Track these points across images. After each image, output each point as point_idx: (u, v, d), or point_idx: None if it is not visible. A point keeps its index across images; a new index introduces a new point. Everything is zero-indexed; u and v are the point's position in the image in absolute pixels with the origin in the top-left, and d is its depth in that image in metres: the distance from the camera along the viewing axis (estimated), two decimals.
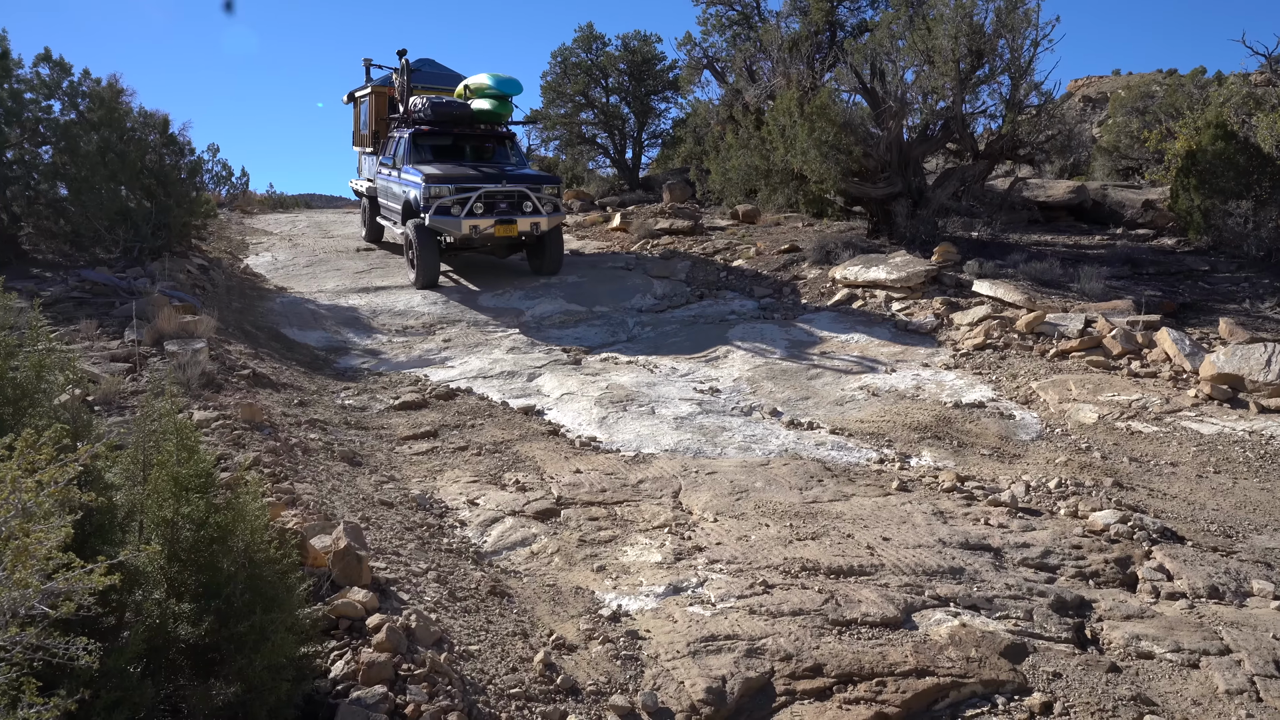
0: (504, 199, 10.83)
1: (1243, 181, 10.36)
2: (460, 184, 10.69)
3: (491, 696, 3.09)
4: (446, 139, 12.22)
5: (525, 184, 10.99)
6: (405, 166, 11.53)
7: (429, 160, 11.56)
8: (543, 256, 11.66)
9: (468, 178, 10.85)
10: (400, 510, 4.70)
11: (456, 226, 10.54)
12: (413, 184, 11.00)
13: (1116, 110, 18.87)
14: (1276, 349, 7.06)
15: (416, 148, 11.70)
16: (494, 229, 10.70)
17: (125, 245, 9.53)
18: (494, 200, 10.76)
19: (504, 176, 11.02)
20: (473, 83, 12.83)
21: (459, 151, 12.22)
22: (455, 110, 12.27)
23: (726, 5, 17.08)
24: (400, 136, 12.11)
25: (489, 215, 10.68)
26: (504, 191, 10.83)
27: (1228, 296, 9.46)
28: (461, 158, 12.07)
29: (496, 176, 11.05)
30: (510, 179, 10.99)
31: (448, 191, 10.60)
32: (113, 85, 9.87)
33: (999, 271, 10.08)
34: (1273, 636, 3.62)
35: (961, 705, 3.21)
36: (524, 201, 10.90)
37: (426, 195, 10.54)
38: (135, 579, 2.40)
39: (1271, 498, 5.34)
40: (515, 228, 10.82)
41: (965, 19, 10.96)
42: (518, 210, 10.88)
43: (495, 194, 10.77)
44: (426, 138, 11.92)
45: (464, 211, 10.51)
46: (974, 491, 5.27)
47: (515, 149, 12.79)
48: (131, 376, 5.89)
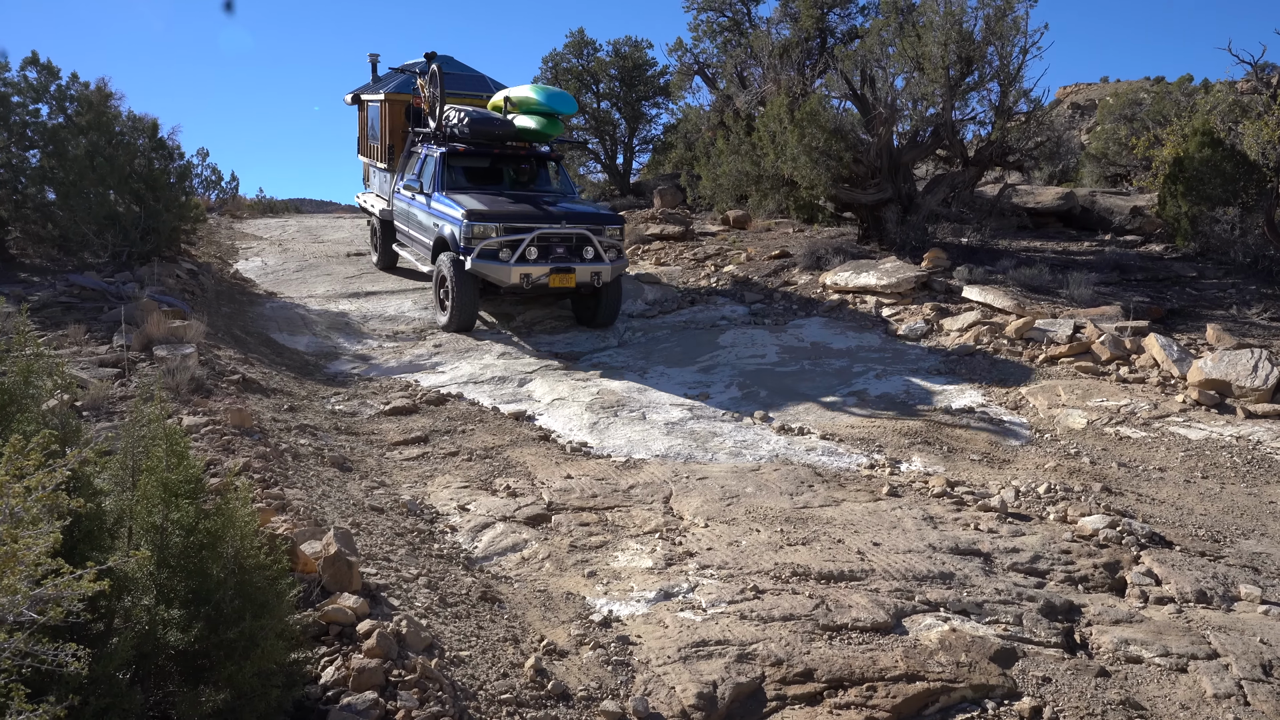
0: (561, 242, 9.08)
1: (1229, 188, 10.46)
2: (510, 222, 8.95)
3: (482, 702, 3.09)
4: (483, 160, 10.52)
5: (586, 225, 9.20)
6: (438, 194, 9.76)
7: (464, 187, 9.90)
8: (596, 308, 9.72)
9: (519, 215, 9.11)
10: (391, 516, 4.68)
11: (505, 275, 8.82)
12: (448, 217, 9.28)
13: (1105, 117, 19.03)
14: (1263, 355, 7.12)
15: (449, 170, 10.01)
16: (549, 278, 8.92)
17: (114, 250, 9.48)
18: (549, 243, 9.01)
19: (562, 215, 9.26)
20: (515, 95, 10.93)
21: (496, 175, 10.55)
22: (498, 129, 10.42)
23: (717, 11, 17.16)
24: (428, 155, 10.40)
25: (543, 261, 8.93)
26: (562, 234, 9.08)
27: (1215, 302, 9.54)
28: (499, 182, 10.42)
29: (553, 215, 9.27)
30: (569, 218, 9.22)
31: (494, 231, 8.86)
32: (101, 89, 9.83)
33: (988, 277, 10.14)
34: (1260, 641, 3.64)
35: (952, 710, 3.22)
36: (584, 246, 9.12)
37: (468, 234, 8.84)
38: (124, 585, 2.39)
39: (1258, 502, 5.39)
40: (573, 277, 9.02)
41: (955, 26, 11.05)
42: (577, 256, 9.10)
43: (551, 236, 9.02)
44: (460, 159, 10.22)
45: (514, 256, 8.78)
46: (964, 497, 5.30)
47: (561, 175, 11.11)
48: (120, 382, 5.86)
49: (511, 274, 8.82)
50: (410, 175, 10.76)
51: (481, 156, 10.50)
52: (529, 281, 8.88)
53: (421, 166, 10.47)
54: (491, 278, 8.97)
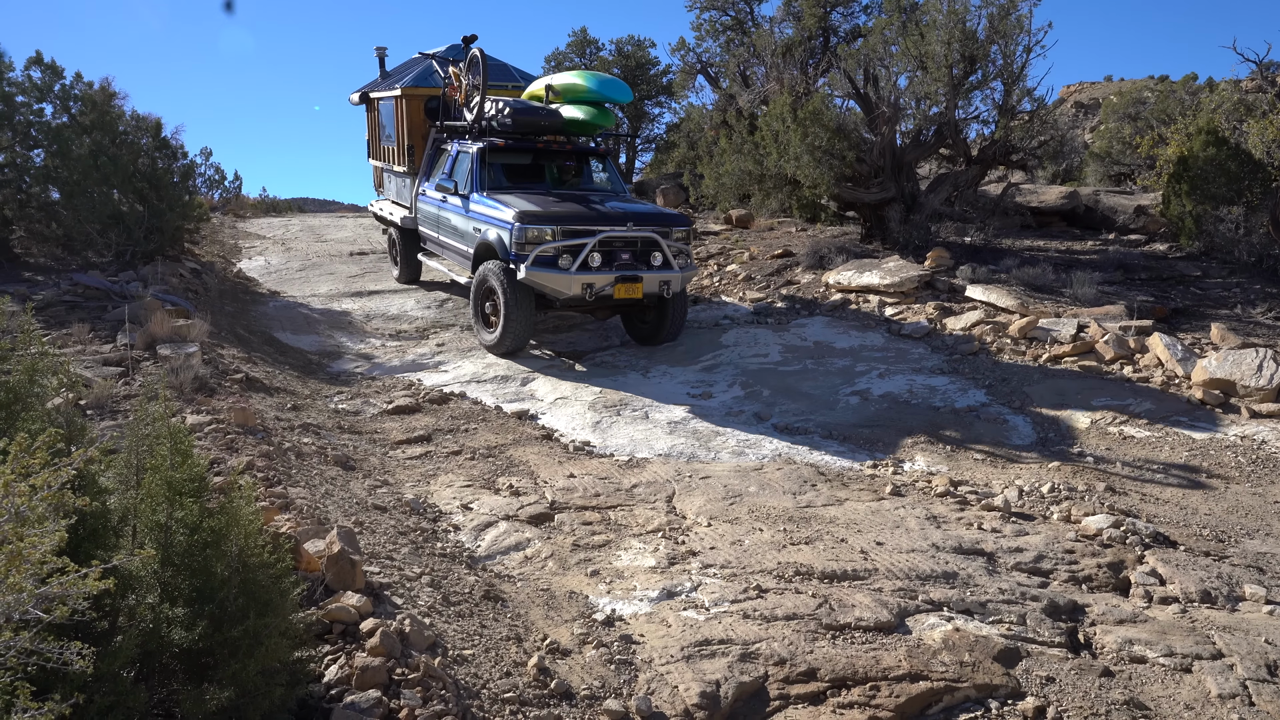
0: (625, 247, 8.05)
1: (1234, 187, 10.43)
2: (569, 225, 7.90)
3: (485, 701, 3.09)
4: (524, 156, 9.40)
5: (653, 226, 8.18)
6: (477, 195, 8.69)
7: (506, 186, 8.86)
8: (660, 323, 8.67)
9: (579, 216, 8.08)
10: (394, 515, 4.69)
11: (565, 285, 7.76)
12: (495, 220, 8.18)
13: (1109, 116, 18.99)
14: (1268, 354, 7.10)
15: (487, 167, 8.92)
16: (613, 288, 7.87)
17: (117, 249, 9.50)
18: (612, 249, 7.98)
19: (625, 216, 8.19)
20: (560, 83, 9.86)
21: (537, 173, 9.48)
22: (544, 120, 9.31)
23: (720, 10, 17.13)
24: (460, 152, 9.34)
25: (607, 269, 7.91)
26: (628, 237, 8.04)
27: (1219, 302, 9.52)
28: (540, 181, 9.37)
29: (613, 215, 8.21)
30: (635, 219, 8.15)
31: (551, 235, 7.81)
32: (105, 89, 9.85)
33: (992, 276, 10.12)
34: (1265, 641, 3.63)
35: (955, 710, 3.22)
36: (652, 251, 8.12)
37: (521, 239, 7.76)
38: (129, 583, 2.39)
39: (1263, 502, 5.37)
40: (640, 287, 7.99)
41: (958, 25, 11.02)
42: (643, 262, 8.10)
43: (615, 240, 7.99)
44: (499, 154, 9.07)
45: (575, 264, 7.76)
46: (967, 496, 5.29)
47: (610, 171, 9.94)
48: (124, 380, 5.87)
49: (573, 284, 7.75)
50: (440, 175, 9.66)
51: (522, 152, 9.35)
52: (592, 292, 7.85)
53: (453, 165, 9.40)
54: (548, 289, 7.88)
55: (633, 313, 8.89)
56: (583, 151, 9.74)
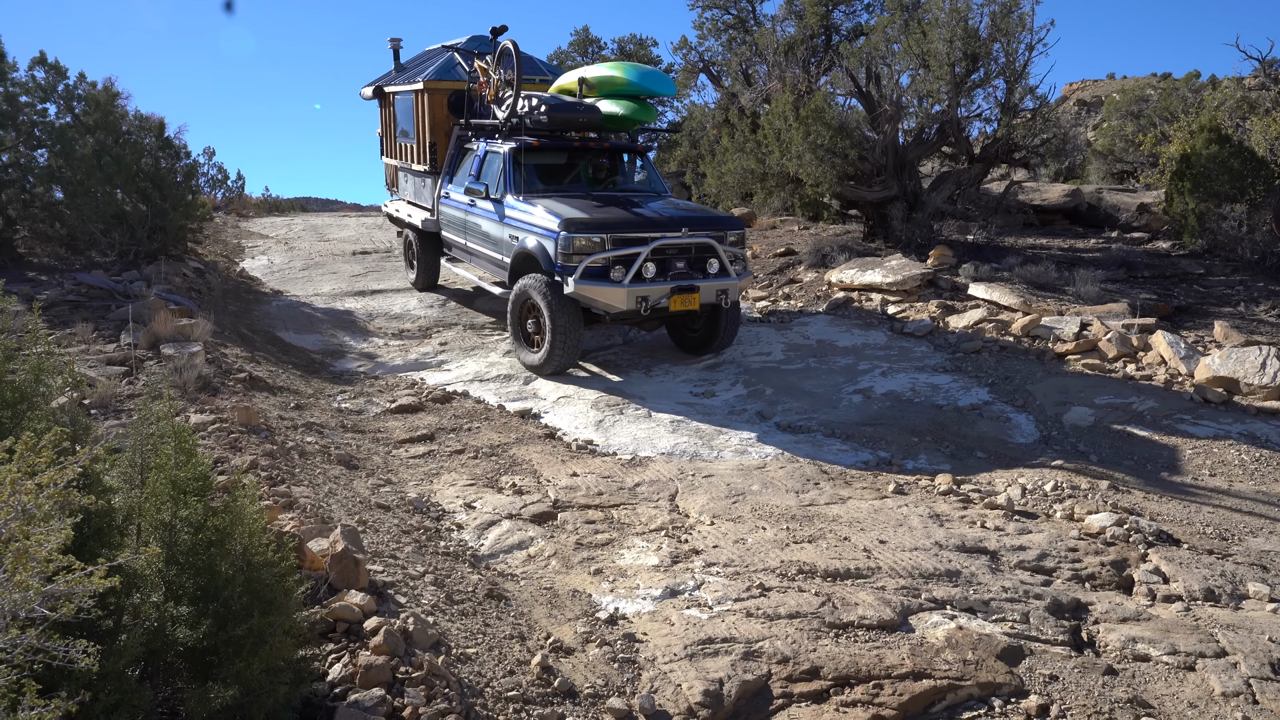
0: (679, 255, 7.43)
1: (1237, 185, 10.42)
2: (620, 232, 7.25)
3: (489, 699, 3.09)
4: (559, 156, 8.76)
5: (708, 230, 7.58)
6: (512, 199, 8.04)
7: (541, 189, 8.22)
8: (713, 331, 8.14)
9: (631, 223, 7.41)
10: (397, 513, 4.70)
11: (617, 299, 7.15)
12: (535, 228, 7.56)
13: (1111, 114, 18.96)
14: (1271, 352, 7.09)
15: (520, 168, 8.24)
16: (669, 300, 7.29)
17: (121, 249, 9.52)
18: (665, 257, 7.35)
19: (678, 220, 7.53)
20: (594, 75, 9.19)
21: (572, 173, 8.80)
22: (582, 116, 8.65)
23: (722, 9, 17.12)
24: (489, 152, 8.68)
25: (662, 279, 7.30)
26: (681, 244, 7.40)
27: (1222, 300, 9.50)
28: (576, 181, 8.72)
29: (663, 220, 7.52)
30: (689, 223, 7.52)
31: (600, 243, 7.16)
32: (108, 88, 9.87)
33: (994, 275, 10.11)
34: (1269, 639, 3.63)
35: (958, 708, 3.22)
36: (708, 258, 7.53)
37: (568, 249, 7.13)
38: (134, 582, 2.40)
39: (1267, 500, 5.37)
40: (696, 298, 7.38)
41: (960, 23, 11.01)
42: (699, 271, 7.52)
43: (669, 248, 7.34)
44: (532, 154, 8.41)
45: (628, 275, 7.14)
46: (970, 494, 5.29)
47: (649, 170, 9.30)
48: (128, 380, 5.89)
49: (626, 297, 7.12)
50: (467, 177, 8.96)
51: (557, 151, 8.71)
52: (647, 305, 7.20)
53: (481, 166, 8.73)
54: (599, 303, 7.27)
55: (680, 320, 8.30)
56: (621, 149, 9.15)
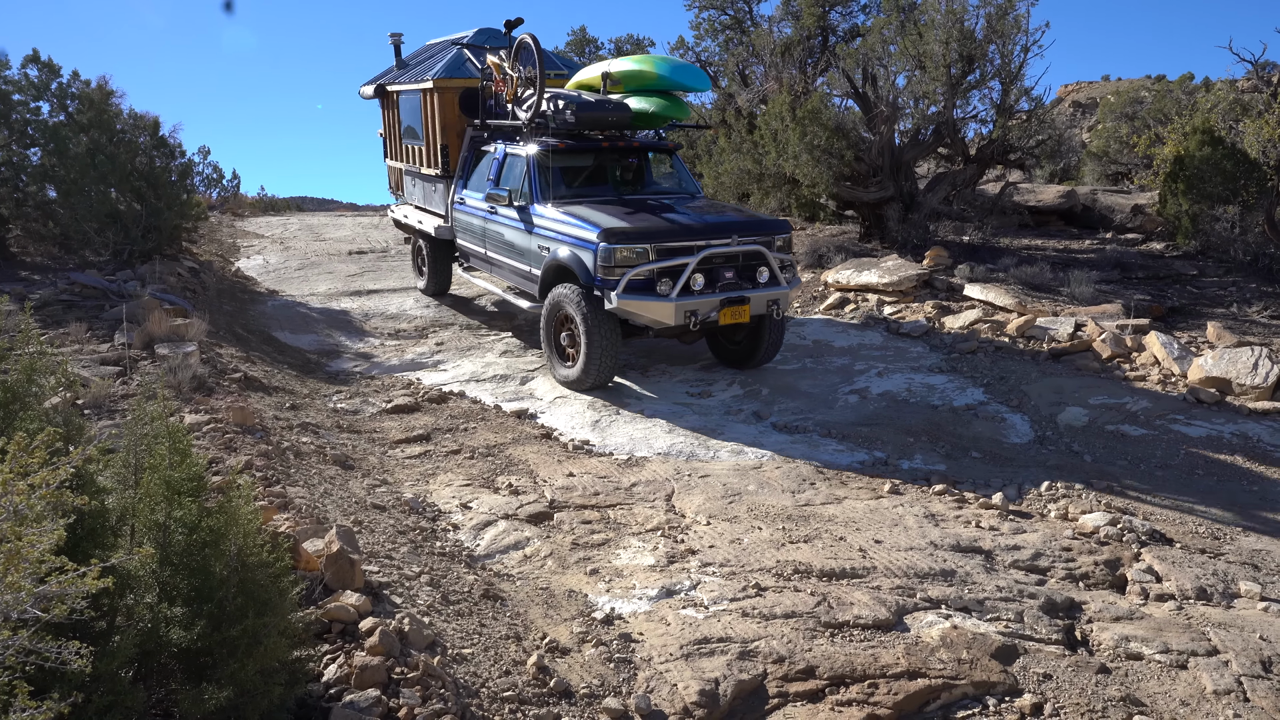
0: (727, 263, 6.94)
1: (1230, 187, 10.45)
2: (664, 242, 6.77)
3: (484, 699, 3.09)
4: (585, 157, 8.23)
5: (756, 236, 7.06)
6: (540, 207, 7.51)
7: (568, 194, 7.72)
8: (756, 343, 7.63)
9: (673, 231, 6.90)
10: (393, 514, 4.69)
11: (664, 313, 6.67)
12: (569, 238, 7.06)
13: (1106, 115, 19.02)
14: (1263, 352, 7.12)
15: (545, 173, 7.70)
16: (718, 313, 6.81)
17: (115, 248, 9.49)
18: (712, 266, 6.88)
19: (726, 226, 7.02)
20: (620, 70, 8.65)
21: (599, 176, 8.28)
22: (612, 115, 8.03)
23: (719, 10, 17.13)
24: (509, 155, 8.16)
25: (710, 291, 6.82)
26: (729, 252, 6.90)
27: (1215, 301, 9.54)
28: (603, 184, 8.20)
29: (706, 226, 7.00)
30: (737, 229, 7.00)
31: (641, 254, 6.68)
32: (102, 87, 9.84)
33: (990, 275, 10.14)
34: (1260, 637, 3.65)
35: (953, 707, 3.23)
36: (758, 266, 7.06)
37: (609, 261, 6.64)
38: (127, 583, 2.39)
39: (1258, 500, 5.39)
40: (747, 310, 6.90)
41: (956, 25, 11.04)
42: (749, 280, 7.04)
43: (716, 257, 6.86)
44: (558, 156, 7.83)
45: (675, 288, 6.66)
46: (965, 494, 5.30)
47: (680, 171, 8.76)
48: (122, 380, 5.87)
49: (674, 312, 6.64)
50: (485, 182, 8.41)
51: (583, 153, 8.17)
52: (696, 320, 6.72)
53: (501, 170, 8.21)
54: (643, 318, 6.80)
55: (723, 332, 7.77)
56: (651, 149, 8.59)
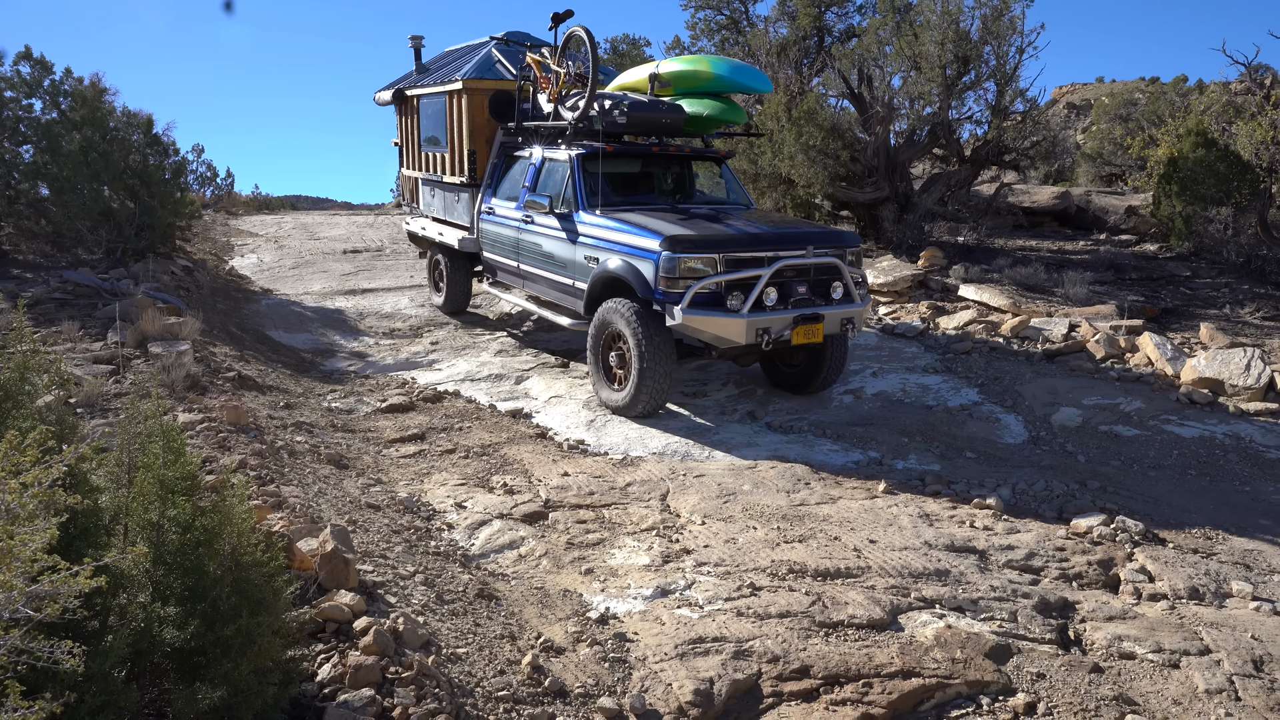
0: (799, 277, 6.37)
1: (1223, 189, 10.50)
2: (735, 251, 6.21)
3: (479, 699, 3.09)
4: (633, 164, 7.78)
5: (831, 248, 6.51)
6: (586, 214, 6.97)
7: (616, 202, 7.21)
8: (816, 366, 7.03)
9: (744, 240, 6.37)
10: (387, 513, 4.68)
11: (735, 330, 6.05)
12: (622, 247, 6.49)
13: (1100, 117, 19.08)
14: (1256, 353, 7.16)
15: (590, 178, 7.17)
16: (791, 331, 6.21)
17: (108, 246, 9.46)
18: (783, 280, 6.30)
19: (797, 236, 6.51)
20: (669, 71, 8.06)
21: (646, 184, 7.85)
22: (665, 116, 7.52)
23: (715, 10, 17.14)
24: (549, 160, 7.62)
25: (783, 307, 6.23)
26: (802, 265, 6.34)
27: (1208, 302, 9.58)
28: (650, 193, 7.78)
29: (783, 236, 6.48)
30: (811, 239, 6.46)
31: (709, 265, 6.11)
32: (95, 84, 9.80)
33: (984, 276, 10.16)
34: (1251, 636, 3.66)
35: (947, 706, 3.23)
36: (832, 280, 6.49)
37: (672, 272, 6.06)
38: (120, 582, 2.38)
39: (1250, 500, 5.41)
40: (820, 328, 6.33)
41: (952, 26, 11.06)
42: (822, 296, 6.48)
43: (788, 270, 6.30)
44: (606, 161, 7.26)
45: (746, 303, 6.06)
46: (960, 494, 5.31)
47: (730, 181, 8.27)
48: (115, 378, 5.85)
49: (746, 329, 6.03)
50: (520, 189, 7.92)
51: (631, 158, 7.70)
52: (769, 338, 6.11)
53: (538, 176, 7.70)
54: (708, 335, 6.18)
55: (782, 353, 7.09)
56: (703, 157, 8.07)
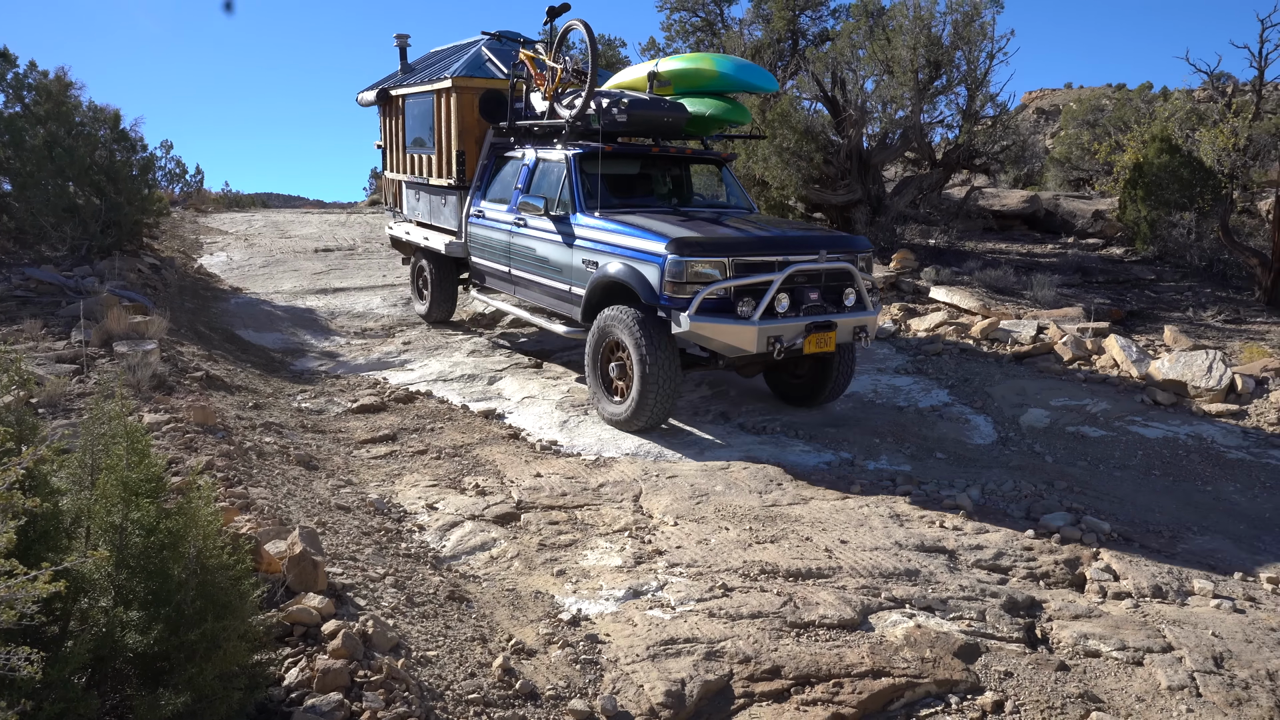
0: (810, 283, 6.10)
1: (1186, 194, 10.72)
2: (744, 255, 5.91)
3: (449, 702, 3.07)
4: (630, 165, 7.50)
5: (842, 252, 6.22)
6: (584, 216, 6.69)
7: (616, 204, 6.93)
8: (822, 378, 6.81)
9: (752, 243, 6.08)
10: (358, 515, 4.64)
11: (745, 338, 5.76)
12: (624, 250, 6.20)
13: (1068, 122, 19.40)
14: (1217, 356, 7.31)
15: (588, 179, 6.89)
16: (803, 339, 5.92)
17: (73, 243, 9.27)
18: (794, 287, 6.02)
19: (813, 240, 6.23)
20: (669, 70, 7.73)
21: (644, 186, 7.60)
22: (667, 115, 7.20)
23: (690, 12, 17.19)
24: (544, 160, 7.37)
25: (794, 315, 5.95)
26: (814, 270, 6.06)
27: (1172, 305, 9.77)
28: (649, 196, 7.52)
29: (797, 241, 6.21)
30: (824, 244, 6.17)
31: (717, 269, 5.82)
32: (60, 78, 9.61)
33: (955, 278, 10.28)
34: (1212, 634, 3.74)
35: (916, 705, 3.26)
36: (844, 287, 6.24)
37: (679, 277, 5.76)
38: (81, 586, 2.34)
39: (1212, 499, 5.53)
40: (833, 337, 6.06)
41: (924, 31, 11.18)
42: (835, 303, 6.22)
43: (800, 276, 6.01)
44: (602, 162, 6.97)
45: (757, 310, 5.77)
46: (930, 494, 5.37)
47: (731, 184, 7.94)
48: (78, 378, 5.73)
49: (757, 337, 5.73)
50: (512, 191, 7.67)
51: (629, 159, 7.45)
52: (781, 347, 5.81)
53: (532, 177, 7.44)
54: (717, 343, 5.89)
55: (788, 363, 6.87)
56: (704, 159, 7.84)
